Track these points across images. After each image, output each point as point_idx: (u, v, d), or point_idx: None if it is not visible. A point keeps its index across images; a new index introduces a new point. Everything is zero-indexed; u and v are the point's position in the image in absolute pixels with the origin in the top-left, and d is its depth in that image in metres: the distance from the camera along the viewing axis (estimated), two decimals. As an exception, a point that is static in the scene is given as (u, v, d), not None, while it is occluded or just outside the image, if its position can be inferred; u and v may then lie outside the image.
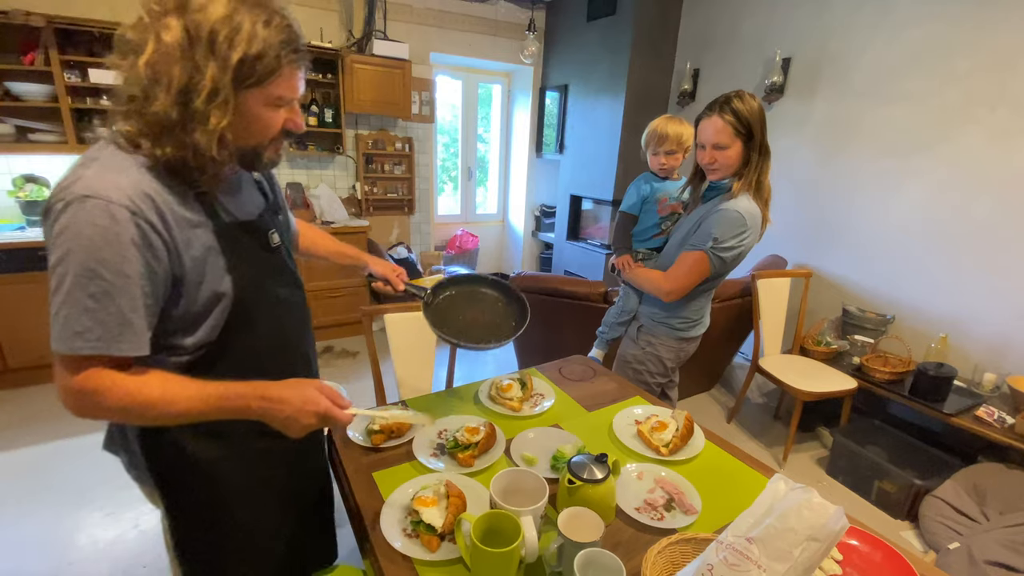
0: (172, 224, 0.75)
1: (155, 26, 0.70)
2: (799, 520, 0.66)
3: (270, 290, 0.93)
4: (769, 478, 0.78)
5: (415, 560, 0.87)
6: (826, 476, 2.43)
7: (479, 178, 5.19)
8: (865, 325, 2.79)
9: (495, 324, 1.34)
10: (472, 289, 1.42)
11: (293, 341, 1.01)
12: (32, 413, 2.62)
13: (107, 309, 0.70)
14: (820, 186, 3.07)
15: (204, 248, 0.80)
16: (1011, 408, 2.13)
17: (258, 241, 0.91)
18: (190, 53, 0.70)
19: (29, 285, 2.70)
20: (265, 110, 0.79)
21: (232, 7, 0.71)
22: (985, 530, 1.80)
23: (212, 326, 0.83)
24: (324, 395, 0.83)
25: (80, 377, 0.71)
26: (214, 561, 0.96)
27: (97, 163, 0.73)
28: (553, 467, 1.12)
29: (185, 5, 0.71)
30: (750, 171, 1.50)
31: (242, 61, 0.72)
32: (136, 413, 0.75)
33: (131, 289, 0.71)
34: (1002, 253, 2.35)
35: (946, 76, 2.48)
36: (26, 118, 2.82)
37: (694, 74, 3.72)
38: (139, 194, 0.72)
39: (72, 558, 1.79)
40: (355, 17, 3.71)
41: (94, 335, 0.70)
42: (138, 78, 0.71)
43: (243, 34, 0.71)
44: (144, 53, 0.70)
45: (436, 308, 1.33)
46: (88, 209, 0.68)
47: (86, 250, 0.68)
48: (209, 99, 0.71)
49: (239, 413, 0.79)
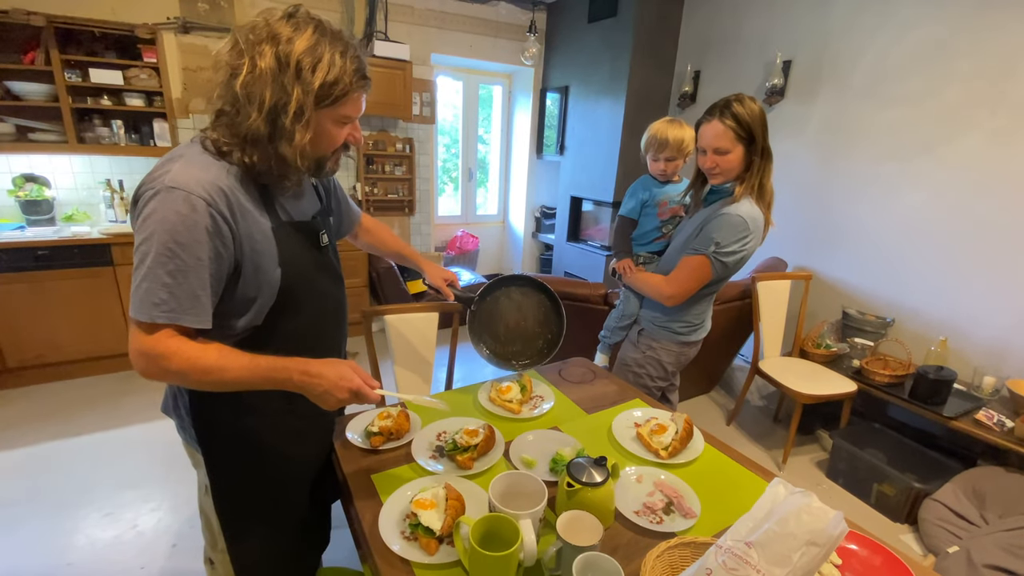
0: (240, 217, 0.87)
1: (250, 53, 0.82)
2: (798, 524, 0.66)
3: (315, 283, 1.04)
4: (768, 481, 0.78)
5: (413, 563, 0.87)
6: (826, 479, 2.42)
7: (479, 179, 5.19)
8: (865, 328, 2.79)
9: (534, 333, 1.44)
10: (519, 291, 1.52)
11: (329, 331, 1.12)
12: (31, 413, 2.61)
13: (181, 285, 0.81)
14: (820, 188, 3.07)
15: (263, 241, 0.91)
16: (1011, 411, 2.12)
17: (309, 240, 1.03)
18: (280, 78, 0.82)
19: (28, 285, 2.70)
20: (334, 127, 0.92)
21: (315, 39, 0.84)
22: (984, 534, 1.80)
23: (259, 311, 0.95)
24: (357, 374, 0.92)
25: (152, 341, 0.82)
26: (247, 515, 1.08)
27: (183, 159, 0.85)
28: (552, 470, 1.12)
29: (276, 36, 0.82)
30: (752, 175, 1.50)
31: (322, 86, 0.84)
32: (194, 378, 0.85)
33: (201, 270, 0.83)
34: (1002, 256, 2.35)
35: (946, 79, 2.48)
36: (26, 117, 2.82)
37: (695, 76, 3.72)
38: (215, 189, 0.84)
39: (70, 559, 1.79)
40: (356, 18, 3.71)
41: (168, 307, 0.81)
42: (232, 96, 0.84)
43: (323, 63, 0.84)
44: (239, 76, 0.82)
45: (481, 314, 1.41)
46: (173, 198, 0.80)
47: (168, 233, 0.80)
48: (295, 118, 0.84)
49: (282, 384, 0.88)
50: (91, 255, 2.81)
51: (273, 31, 0.82)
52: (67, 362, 2.91)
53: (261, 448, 1.06)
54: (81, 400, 2.76)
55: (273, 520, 1.11)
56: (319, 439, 1.21)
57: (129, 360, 0.83)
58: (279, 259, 0.93)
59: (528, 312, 1.47)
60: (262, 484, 1.08)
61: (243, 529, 1.07)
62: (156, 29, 2.95)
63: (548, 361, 1.51)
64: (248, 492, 1.07)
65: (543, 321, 1.51)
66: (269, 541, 1.11)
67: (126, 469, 2.24)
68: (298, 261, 0.97)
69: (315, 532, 1.28)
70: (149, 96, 3.04)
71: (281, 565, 1.16)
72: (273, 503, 1.10)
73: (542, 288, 1.54)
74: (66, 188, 3.13)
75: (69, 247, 2.75)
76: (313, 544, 1.29)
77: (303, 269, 0.99)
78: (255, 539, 1.09)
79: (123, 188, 3.18)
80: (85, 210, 3.16)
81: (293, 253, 0.96)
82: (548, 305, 1.52)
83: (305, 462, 1.17)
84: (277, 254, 0.93)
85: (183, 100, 3.25)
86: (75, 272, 2.78)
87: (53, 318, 2.79)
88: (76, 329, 2.86)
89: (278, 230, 0.94)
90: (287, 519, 1.15)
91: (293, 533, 1.17)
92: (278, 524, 1.13)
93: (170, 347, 0.82)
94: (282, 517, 1.13)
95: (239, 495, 1.06)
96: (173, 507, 2.03)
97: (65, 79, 2.76)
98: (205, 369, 0.83)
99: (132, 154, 3.12)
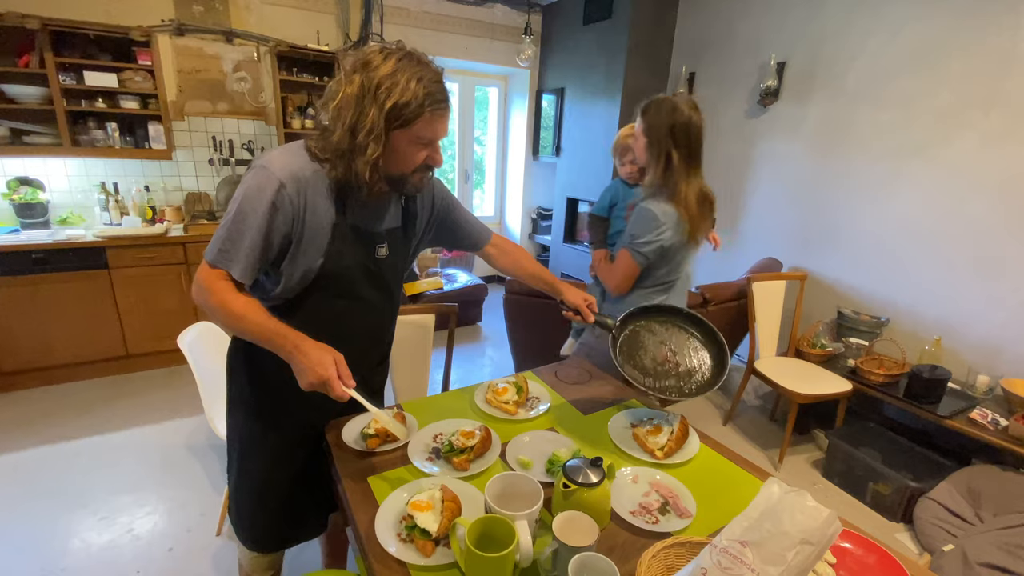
0: (307, 204, 1.01)
1: (346, 80, 0.96)
2: (793, 523, 0.66)
3: (355, 285, 1.13)
4: (764, 481, 0.78)
5: (410, 565, 0.87)
6: (821, 478, 2.43)
7: (476, 180, 5.19)
8: (860, 328, 2.80)
9: (686, 369, 1.27)
10: (663, 322, 1.37)
11: (358, 334, 1.20)
12: (26, 416, 2.60)
13: (237, 243, 0.98)
14: (815, 189, 3.09)
15: (319, 230, 1.03)
16: (1005, 410, 2.14)
17: (365, 245, 1.11)
18: (362, 100, 0.95)
19: (24, 288, 2.69)
20: (410, 147, 1.01)
21: (397, 66, 0.95)
22: (979, 532, 1.81)
23: (293, 288, 1.07)
24: (336, 367, 0.96)
25: (206, 274, 1.00)
26: (248, 455, 1.23)
27: (284, 148, 1.04)
28: (548, 471, 1.12)
29: (367, 65, 0.96)
30: (655, 173, 1.58)
31: (394, 106, 0.95)
32: (221, 316, 0.99)
33: (257, 235, 0.98)
34: (996, 255, 2.37)
35: (939, 79, 2.50)
36: (21, 120, 2.81)
37: (690, 78, 3.73)
38: (293, 175, 0.99)
39: (65, 563, 1.78)
40: (352, 20, 3.71)
41: (227, 256, 0.99)
42: (329, 116, 0.99)
43: (399, 87, 0.94)
44: (335, 99, 0.97)
45: (624, 342, 1.32)
46: (257, 174, 0.99)
47: (245, 199, 0.98)
48: (368, 134, 0.95)
49: (278, 349, 0.98)
50: (86, 258, 2.80)
51: (366, 60, 0.96)
52: (62, 366, 2.89)
53: (274, 407, 1.18)
54: (76, 404, 2.74)
55: (267, 457, 1.22)
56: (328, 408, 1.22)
57: (124, 363, 0.88)
58: (325, 250, 1.05)
59: (678, 346, 1.32)
60: (263, 436, 1.20)
61: (240, 455, 1.24)
62: (151, 31, 2.94)
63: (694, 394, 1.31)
64: (251, 436, 1.21)
65: (695, 355, 1.33)
66: (261, 476, 1.23)
67: (122, 473, 2.23)
68: (344, 259, 1.08)
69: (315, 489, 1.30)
70: (144, 98, 3.03)
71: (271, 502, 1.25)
72: (272, 444, 1.21)
73: (695, 321, 1.37)
74: (60, 191, 3.11)
75: (64, 250, 2.74)
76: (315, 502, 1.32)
77: (346, 267, 1.09)
78: (246, 475, 1.24)
79: (118, 191, 3.17)
80: (80, 213, 3.14)
81: (342, 250, 1.07)
82: (701, 338, 1.34)
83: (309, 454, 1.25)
84: (327, 245, 1.04)
85: (178, 102, 3.24)
86: (70, 275, 2.77)
87: (48, 322, 2.78)
88: (71, 333, 2.85)
89: (337, 226, 1.05)
90: (281, 464, 1.24)
91: (286, 482, 1.25)
92: (272, 464, 1.23)
93: (216, 285, 0.98)
94: (276, 460, 1.23)
95: (241, 427, 1.22)
96: (169, 511, 2.02)
97: (60, 82, 2.76)
98: (230, 312, 0.98)
99: (127, 157, 3.11)
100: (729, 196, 3.58)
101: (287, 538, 1.31)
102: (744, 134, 3.44)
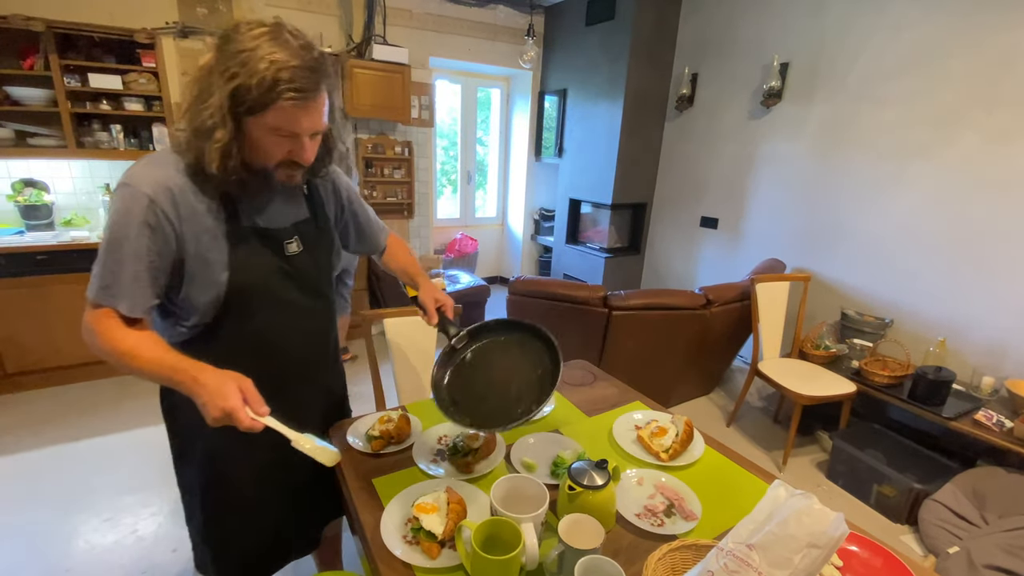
0: (185, 217, 0.88)
1: (208, 50, 0.83)
2: (799, 526, 0.66)
3: (275, 291, 1.01)
4: (769, 483, 0.78)
5: (415, 567, 0.87)
6: (825, 480, 2.43)
7: (478, 182, 5.19)
8: (864, 329, 2.79)
9: (525, 388, 1.09)
10: (515, 338, 1.19)
11: (295, 344, 1.09)
12: (31, 418, 2.61)
13: (118, 275, 0.86)
14: (818, 190, 3.08)
15: (211, 243, 0.91)
16: (1010, 412, 2.13)
17: (271, 247, 0.99)
18: (209, 76, 0.82)
19: (28, 290, 2.70)
20: (267, 137, 0.87)
21: (256, 43, 0.80)
22: (984, 534, 1.80)
23: (206, 310, 0.94)
24: (241, 394, 0.81)
25: (91, 317, 0.88)
26: (216, 503, 1.12)
27: (150, 157, 0.91)
28: (553, 473, 1.12)
29: (228, 37, 0.82)
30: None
31: (236, 89, 0.81)
32: (114, 358, 0.86)
33: (137, 263, 0.86)
34: (1000, 256, 2.36)
35: (942, 79, 2.49)
36: (26, 122, 2.83)
37: (692, 79, 3.73)
38: (162, 187, 0.86)
39: (69, 564, 1.78)
40: (355, 22, 3.72)
41: (110, 292, 0.86)
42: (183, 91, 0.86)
43: (246, 68, 0.79)
44: (189, 73, 0.83)
45: (462, 363, 1.14)
46: (122, 194, 0.86)
47: (116, 226, 0.85)
48: (211, 116, 0.82)
49: (178, 386, 0.82)
50: (90, 259, 2.75)
51: (229, 31, 0.83)
52: (67, 367, 2.91)
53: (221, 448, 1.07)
54: (81, 405, 2.75)
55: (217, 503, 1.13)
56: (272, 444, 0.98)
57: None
58: (228, 263, 0.93)
59: (525, 361, 1.16)
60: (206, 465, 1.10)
61: (204, 505, 1.13)
62: (155, 34, 2.95)
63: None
64: (194, 469, 1.11)
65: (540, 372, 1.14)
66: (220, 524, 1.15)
67: (126, 474, 2.23)
68: (253, 267, 0.96)
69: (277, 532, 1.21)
70: (148, 100, 3.04)
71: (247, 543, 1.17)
72: (214, 485, 1.11)
73: (542, 336, 1.18)
74: (65, 193, 3.13)
75: (68, 252, 2.75)
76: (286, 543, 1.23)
77: (259, 275, 0.98)
78: (215, 524, 1.14)
79: (122, 192, 3.17)
80: (84, 214, 3.16)
81: (248, 258, 0.95)
82: (548, 352, 1.16)
83: (283, 470, 1.11)
84: (227, 257, 0.92)
85: (182, 104, 3.25)
86: (74, 277, 2.78)
87: (53, 323, 2.79)
88: (76, 334, 2.81)
89: (233, 234, 0.93)
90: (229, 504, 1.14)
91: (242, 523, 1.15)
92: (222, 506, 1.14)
93: (102, 326, 0.87)
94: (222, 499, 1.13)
95: (187, 470, 1.13)
96: (173, 512, 2.03)
97: (64, 84, 2.77)
98: (120, 352, 0.85)
99: (131, 158, 3.12)
100: (732, 197, 3.57)
101: (276, 567, 1.23)
102: (747, 135, 3.44)
